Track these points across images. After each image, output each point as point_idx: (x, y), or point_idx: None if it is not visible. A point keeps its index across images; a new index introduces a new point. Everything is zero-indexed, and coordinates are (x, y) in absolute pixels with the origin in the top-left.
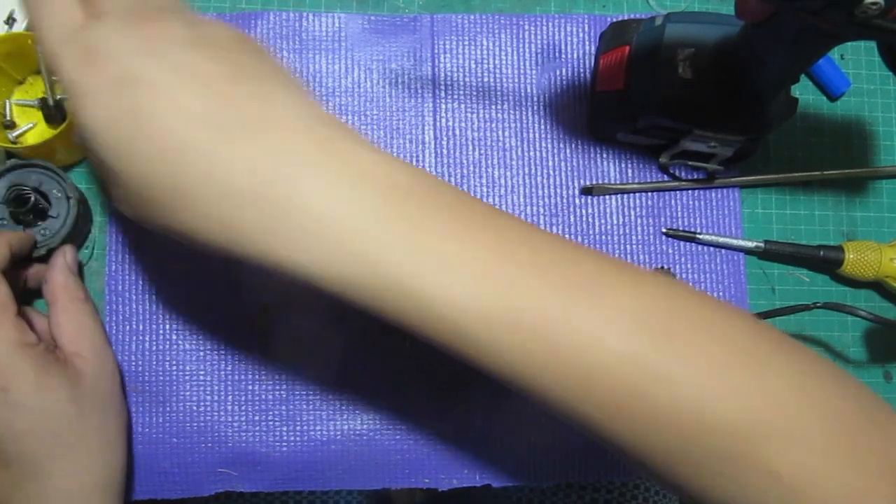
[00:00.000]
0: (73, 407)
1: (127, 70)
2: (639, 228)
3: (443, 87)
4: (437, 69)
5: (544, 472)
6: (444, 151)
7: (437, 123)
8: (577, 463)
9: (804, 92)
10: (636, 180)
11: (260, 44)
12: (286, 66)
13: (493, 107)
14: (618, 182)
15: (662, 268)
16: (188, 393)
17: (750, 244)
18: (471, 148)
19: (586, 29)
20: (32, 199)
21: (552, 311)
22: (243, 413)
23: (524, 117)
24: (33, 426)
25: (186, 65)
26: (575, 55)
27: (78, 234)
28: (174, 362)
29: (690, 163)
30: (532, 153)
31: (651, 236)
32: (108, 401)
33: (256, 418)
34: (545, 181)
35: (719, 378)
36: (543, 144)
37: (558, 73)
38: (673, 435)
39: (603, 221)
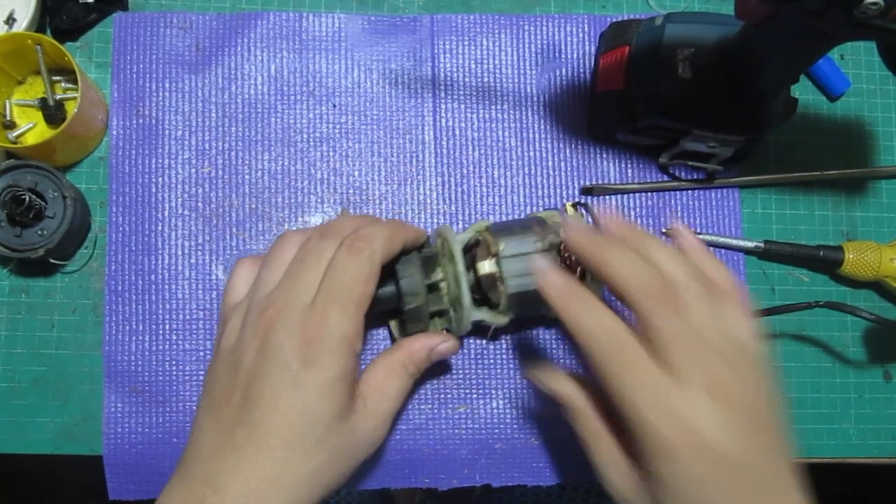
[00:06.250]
0: (323, 420)
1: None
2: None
3: (443, 87)
4: (437, 69)
5: (544, 472)
6: (444, 151)
7: (437, 123)
8: (577, 463)
9: (804, 92)
10: (636, 180)
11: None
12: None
13: (493, 107)
14: (618, 182)
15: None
16: (188, 393)
17: (750, 244)
18: (471, 148)
19: (586, 29)
20: (27, 199)
21: None
22: None
23: (524, 117)
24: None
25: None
26: (575, 55)
27: (77, 234)
28: (174, 362)
29: (690, 163)
30: (532, 153)
31: None
32: (347, 442)
33: None
34: (545, 181)
35: None
36: (543, 144)
37: (558, 73)
38: None
39: None
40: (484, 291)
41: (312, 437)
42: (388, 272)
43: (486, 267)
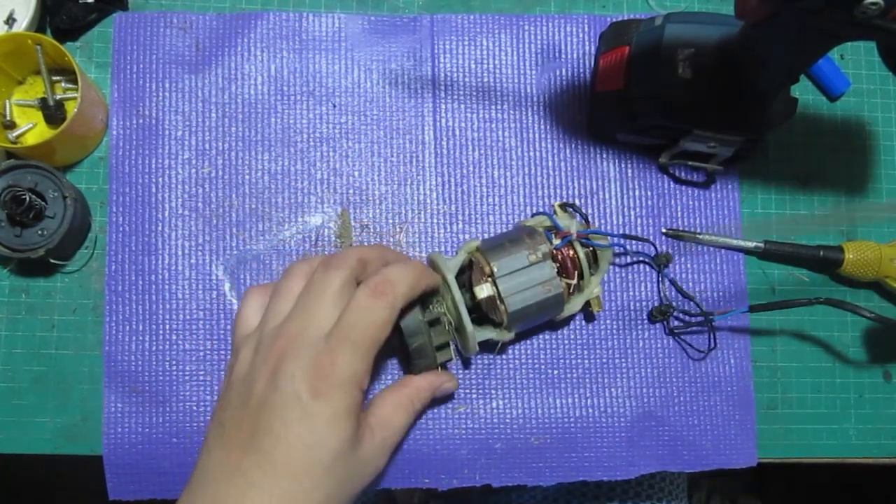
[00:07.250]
0: (332, 451)
1: None
2: (639, 228)
3: (443, 87)
4: (437, 69)
5: (544, 472)
6: (444, 151)
7: (437, 123)
8: (576, 463)
9: (804, 92)
10: (636, 180)
11: None
12: None
13: (493, 107)
14: (617, 181)
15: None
16: (188, 393)
17: (750, 244)
18: (471, 148)
19: (586, 29)
20: (27, 199)
21: None
22: None
23: (524, 117)
24: (300, 435)
25: None
26: (575, 55)
27: (77, 234)
28: (174, 362)
29: (690, 163)
30: (532, 153)
31: (651, 236)
32: (353, 472)
33: None
34: (545, 181)
35: None
36: (543, 144)
37: (558, 73)
38: None
39: (603, 221)
40: (485, 312)
41: (321, 468)
42: None
43: (484, 291)
